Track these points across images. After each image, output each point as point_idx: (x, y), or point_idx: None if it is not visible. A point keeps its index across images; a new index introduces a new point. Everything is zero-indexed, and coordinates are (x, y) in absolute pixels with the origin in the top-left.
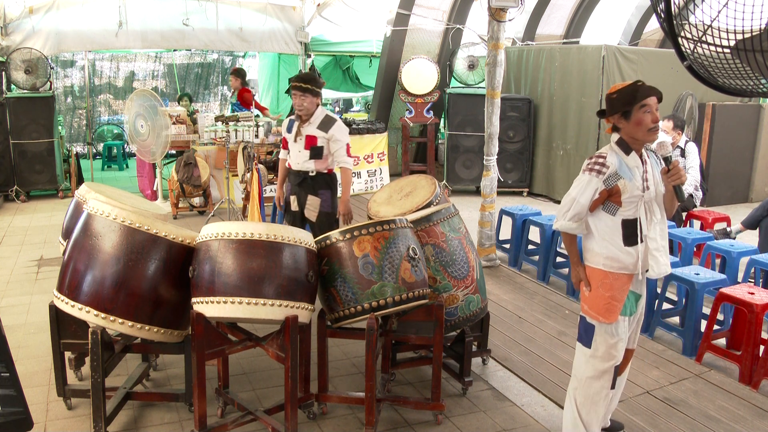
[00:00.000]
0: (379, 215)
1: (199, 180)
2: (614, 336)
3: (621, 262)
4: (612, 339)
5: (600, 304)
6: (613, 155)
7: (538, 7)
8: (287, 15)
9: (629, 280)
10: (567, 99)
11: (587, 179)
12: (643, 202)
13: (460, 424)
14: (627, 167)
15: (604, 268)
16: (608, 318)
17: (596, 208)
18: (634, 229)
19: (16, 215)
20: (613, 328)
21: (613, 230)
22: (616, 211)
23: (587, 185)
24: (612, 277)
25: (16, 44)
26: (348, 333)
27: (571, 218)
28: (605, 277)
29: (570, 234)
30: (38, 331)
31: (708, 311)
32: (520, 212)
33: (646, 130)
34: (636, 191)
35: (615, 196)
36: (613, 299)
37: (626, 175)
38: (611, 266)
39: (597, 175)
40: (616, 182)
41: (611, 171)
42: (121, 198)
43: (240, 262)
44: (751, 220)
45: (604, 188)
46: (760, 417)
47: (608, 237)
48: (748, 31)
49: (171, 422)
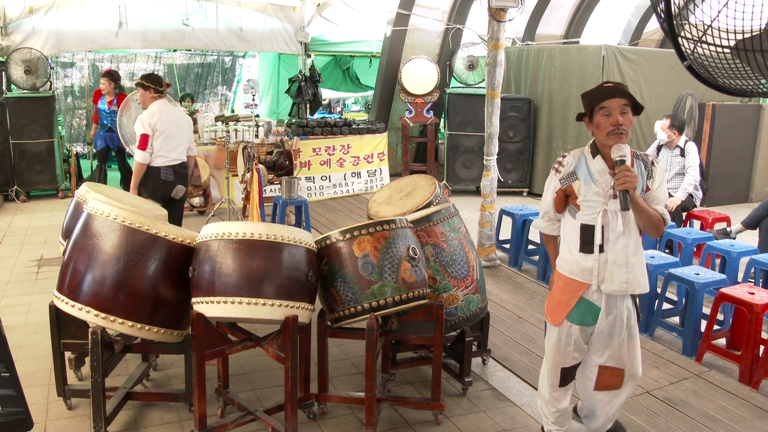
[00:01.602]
0: (379, 215)
1: (199, 180)
2: (558, 339)
3: (574, 267)
4: (554, 341)
5: (550, 303)
6: (575, 156)
7: (538, 7)
8: (287, 15)
9: (581, 287)
10: (567, 99)
11: (549, 178)
12: (607, 210)
13: (460, 424)
14: (588, 170)
15: (559, 270)
16: (552, 319)
17: (563, 209)
18: (591, 236)
19: (16, 215)
20: (558, 330)
21: (572, 233)
22: (575, 213)
23: (548, 184)
24: (564, 280)
25: (16, 44)
26: (348, 333)
27: (542, 216)
28: (559, 278)
29: (546, 235)
30: (38, 331)
31: (708, 311)
32: (520, 212)
33: (605, 133)
34: (593, 196)
35: (572, 198)
36: (561, 302)
37: (584, 178)
38: (564, 268)
39: (555, 173)
40: (570, 183)
41: (567, 170)
42: (121, 198)
43: (240, 262)
44: (751, 220)
45: (560, 187)
46: (760, 417)
47: (567, 239)
48: (748, 31)
49: (171, 422)
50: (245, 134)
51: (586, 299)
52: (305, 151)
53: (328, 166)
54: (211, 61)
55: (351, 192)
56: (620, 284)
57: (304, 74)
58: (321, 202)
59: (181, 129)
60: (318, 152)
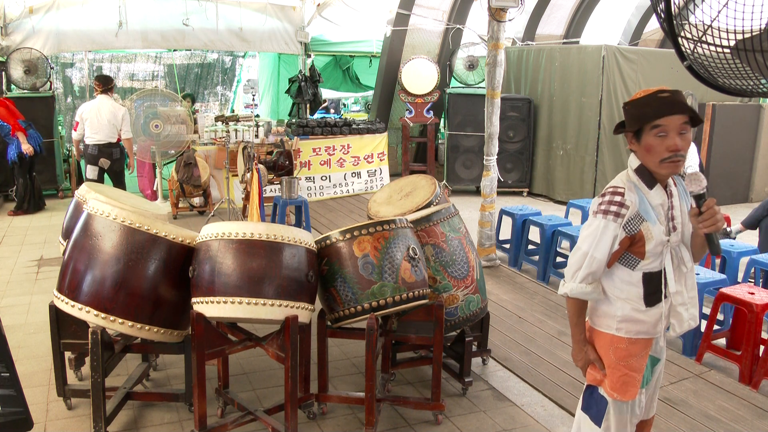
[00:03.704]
0: (379, 215)
1: (199, 180)
2: (632, 414)
3: (641, 325)
4: (618, 415)
5: (613, 377)
6: (632, 190)
7: (538, 7)
8: (287, 15)
9: (648, 344)
10: (567, 99)
11: (602, 225)
12: (669, 248)
13: (460, 424)
14: (650, 205)
15: (618, 333)
16: (625, 395)
17: (614, 261)
18: (659, 285)
19: (16, 215)
20: (630, 405)
21: (631, 287)
22: (636, 264)
23: (602, 234)
24: (626, 343)
25: (16, 44)
26: (348, 333)
27: (583, 279)
28: (618, 342)
29: (579, 301)
30: (38, 331)
31: (708, 311)
32: (520, 212)
33: (658, 160)
34: (662, 236)
35: (638, 245)
36: (631, 370)
37: (649, 217)
38: (628, 330)
39: (615, 218)
40: (639, 227)
41: (632, 212)
42: (121, 198)
43: (240, 262)
44: (751, 220)
45: (625, 235)
46: (760, 417)
47: (625, 296)
48: (748, 31)
49: (171, 422)
50: (245, 134)
51: (651, 354)
52: (305, 151)
53: (328, 166)
54: (211, 61)
55: (351, 192)
56: (688, 322)
57: (304, 74)
58: (321, 202)
59: (101, 118)
60: (318, 152)
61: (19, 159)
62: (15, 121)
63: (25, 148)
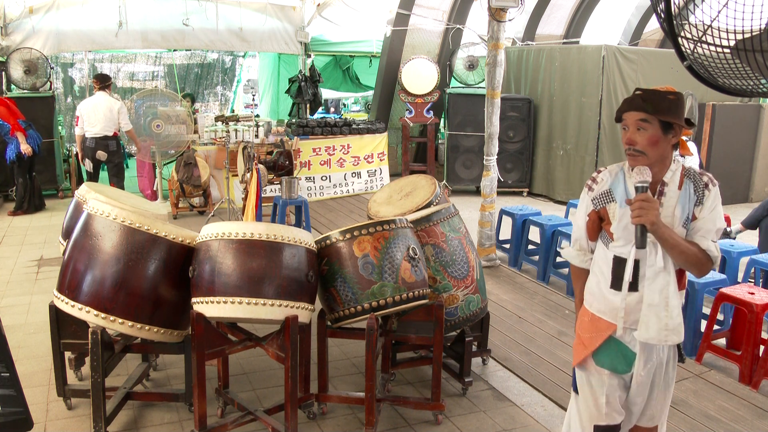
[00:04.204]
0: (379, 215)
1: (199, 180)
2: (589, 386)
3: (602, 303)
4: (585, 390)
5: (576, 342)
6: (612, 172)
7: (538, 7)
8: (287, 15)
9: (609, 328)
10: (567, 99)
11: (582, 196)
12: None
13: (460, 424)
14: (626, 190)
15: (585, 304)
16: (575, 358)
17: (596, 236)
18: (622, 272)
19: (16, 215)
20: (586, 376)
21: (604, 265)
22: (608, 243)
23: (580, 203)
24: (590, 317)
25: (16, 44)
26: (348, 333)
27: (573, 243)
28: (584, 313)
29: (576, 267)
30: (38, 331)
31: (708, 311)
32: (520, 212)
33: (624, 151)
34: (627, 221)
35: (605, 223)
36: (584, 342)
37: (621, 200)
38: (591, 304)
39: (587, 191)
40: (604, 204)
41: (601, 188)
42: (120, 198)
43: (240, 262)
44: (751, 220)
45: (592, 209)
46: (760, 417)
47: (598, 271)
48: (748, 31)
49: (171, 422)
50: (245, 134)
51: (617, 339)
52: (305, 151)
53: (328, 166)
54: (211, 61)
55: (351, 192)
56: (659, 332)
57: (304, 74)
58: (321, 202)
59: (98, 112)
60: (318, 152)
61: (18, 159)
62: (15, 121)
63: (23, 148)
